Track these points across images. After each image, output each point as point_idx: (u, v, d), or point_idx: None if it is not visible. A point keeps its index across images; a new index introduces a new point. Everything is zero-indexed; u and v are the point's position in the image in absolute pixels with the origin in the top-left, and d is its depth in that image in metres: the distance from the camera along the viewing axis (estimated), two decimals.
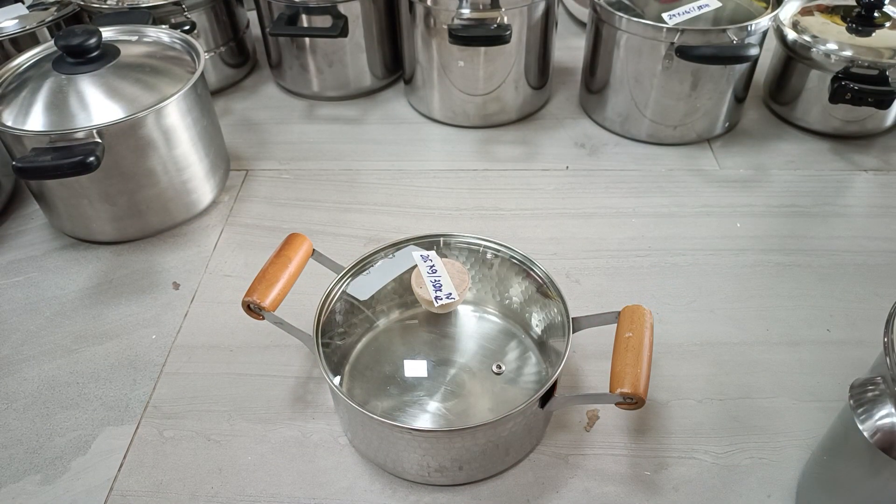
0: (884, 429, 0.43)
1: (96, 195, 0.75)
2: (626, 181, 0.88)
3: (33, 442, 0.61)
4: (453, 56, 0.91)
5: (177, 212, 0.81)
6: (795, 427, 0.60)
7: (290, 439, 0.60)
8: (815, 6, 0.95)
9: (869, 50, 0.85)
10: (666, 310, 0.71)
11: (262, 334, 0.69)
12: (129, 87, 0.74)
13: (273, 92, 1.09)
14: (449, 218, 0.83)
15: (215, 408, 0.63)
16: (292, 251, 0.60)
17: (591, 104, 0.99)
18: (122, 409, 0.63)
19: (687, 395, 0.63)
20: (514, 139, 0.97)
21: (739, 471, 0.57)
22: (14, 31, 0.92)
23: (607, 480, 0.56)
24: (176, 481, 0.57)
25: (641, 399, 0.49)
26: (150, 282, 0.76)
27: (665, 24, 0.83)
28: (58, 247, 0.81)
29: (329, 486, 0.57)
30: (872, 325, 0.69)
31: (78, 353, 0.69)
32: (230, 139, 0.96)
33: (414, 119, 1.02)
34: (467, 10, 0.86)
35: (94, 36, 0.74)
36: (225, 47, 1.05)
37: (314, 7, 0.93)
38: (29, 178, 0.74)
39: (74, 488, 0.57)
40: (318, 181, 0.90)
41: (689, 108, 0.90)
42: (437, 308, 0.58)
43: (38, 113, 0.71)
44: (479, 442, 0.52)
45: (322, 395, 0.64)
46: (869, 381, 0.46)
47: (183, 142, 0.77)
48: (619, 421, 0.61)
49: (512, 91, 0.95)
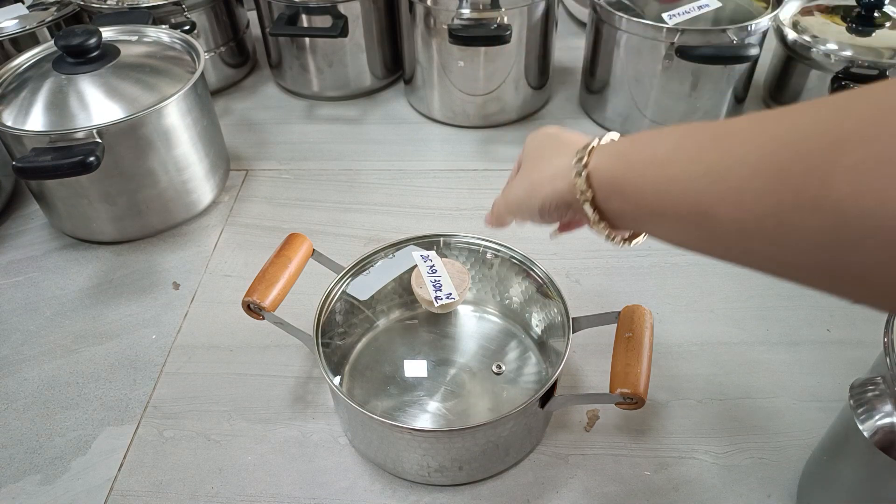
0: (884, 429, 0.43)
1: (96, 195, 0.75)
2: None
3: (33, 442, 0.61)
4: (453, 56, 0.91)
5: (177, 212, 0.81)
6: (795, 427, 0.60)
7: (290, 439, 0.60)
8: (815, 6, 0.95)
9: (869, 50, 0.85)
10: (666, 310, 0.71)
11: (262, 334, 0.69)
12: (129, 87, 0.74)
13: (273, 92, 1.09)
14: (449, 218, 0.83)
15: (215, 408, 0.63)
16: (292, 251, 0.60)
17: (591, 104, 0.99)
18: (122, 409, 0.63)
19: (687, 395, 0.63)
20: (514, 139, 0.97)
21: (739, 471, 0.57)
22: (14, 31, 0.92)
23: (607, 480, 0.56)
24: (176, 481, 0.57)
25: (641, 399, 0.49)
26: (150, 282, 0.76)
27: (665, 24, 0.83)
28: (58, 247, 0.81)
29: (329, 486, 0.57)
30: (872, 325, 0.68)
31: (78, 353, 0.69)
32: (230, 139, 0.96)
33: (414, 119, 1.02)
34: (467, 10, 0.86)
35: (94, 36, 0.74)
36: (225, 47, 1.05)
37: (314, 7, 0.93)
38: (29, 178, 0.74)
39: (74, 488, 0.57)
40: (318, 181, 0.90)
41: (689, 108, 0.90)
42: (438, 308, 0.58)
43: (38, 113, 0.71)
44: (479, 442, 0.52)
45: (322, 395, 0.64)
46: (869, 381, 0.46)
47: (183, 142, 0.77)
48: (619, 421, 0.61)
49: (512, 91, 0.95)
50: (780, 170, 0.24)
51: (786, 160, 0.24)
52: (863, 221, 0.21)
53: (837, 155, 0.22)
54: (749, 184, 0.25)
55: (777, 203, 0.24)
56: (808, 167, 0.23)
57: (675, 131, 0.31)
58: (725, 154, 0.27)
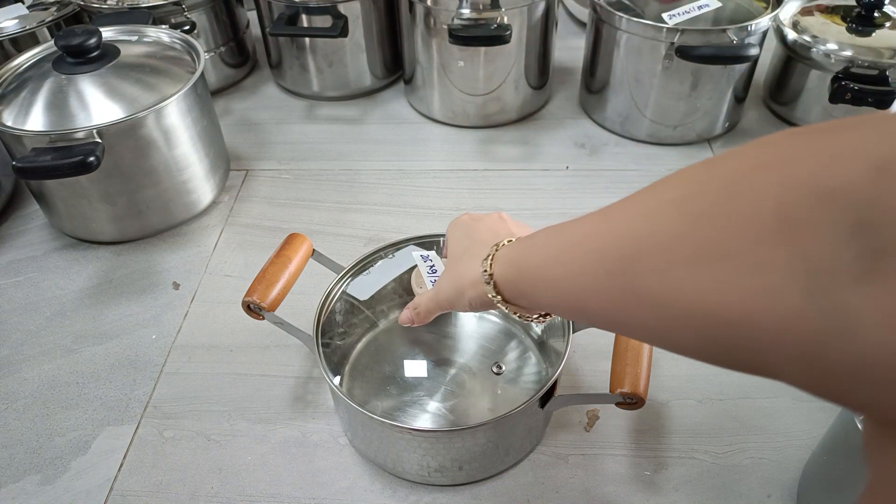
0: None
1: (96, 195, 0.75)
2: (627, 181, 0.88)
3: (33, 442, 0.61)
4: (453, 56, 0.91)
5: (177, 212, 0.81)
6: (795, 427, 0.60)
7: (290, 439, 0.60)
8: (815, 6, 0.95)
9: (869, 50, 0.85)
10: None
11: (262, 334, 0.69)
12: (129, 87, 0.74)
13: (273, 92, 1.09)
14: (449, 218, 0.82)
15: (215, 408, 0.63)
16: (292, 251, 0.60)
17: (591, 104, 0.99)
18: (122, 409, 0.63)
19: (687, 395, 0.63)
20: (514, 139, 0.97)
21: (739, 471, 0.57)
22: (14, 31, 0.92)
23: (607, 480, 0.56)
24: (176, 481, 0.57)
25: (641, 399, 0.49)
26: (150, 282, 0.76)
27: (665, 24, 0.83)
28: (58, 247, 0.81)
29: (329, 486, 0.57)
30: None
31: (78, 353, 0.69)
32: (230, 139, 0.96)
33: (414, 119, 1.02)
34: (467, 10, 0.86)
35: (94, 36, 0.74)
36: (225, 47, 1.05)
37: (314, 7, 0.93)
38: (29, 178, 0.74)
39: (74, 488, 0.57)
40: (318, 181, 0.90)
41: (689, 108, 0.90)
42: None
43: (38, 113, 0.71)
44: (479, 442, 0.52)
45: (322, 395, 0.64)
46: None
47: (183, 142, 0.77)
48: (619, 421, 0.61)
49: (512, 91, 0.95)
50: (610, 272, 0.28)
51: (615, 261, 0.28)
52: (671, 314, 0.25)
53: (642, 259, 0.26)
54: (601, 283, 0.29)
55: (619, 298, 0.28)
56: (627, 268, 0.27)
57: (547, 237, 0.35)
58: (579, 258, 0.31)
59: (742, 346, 0.23)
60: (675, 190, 0.26)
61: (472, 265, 0.42)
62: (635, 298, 0.27)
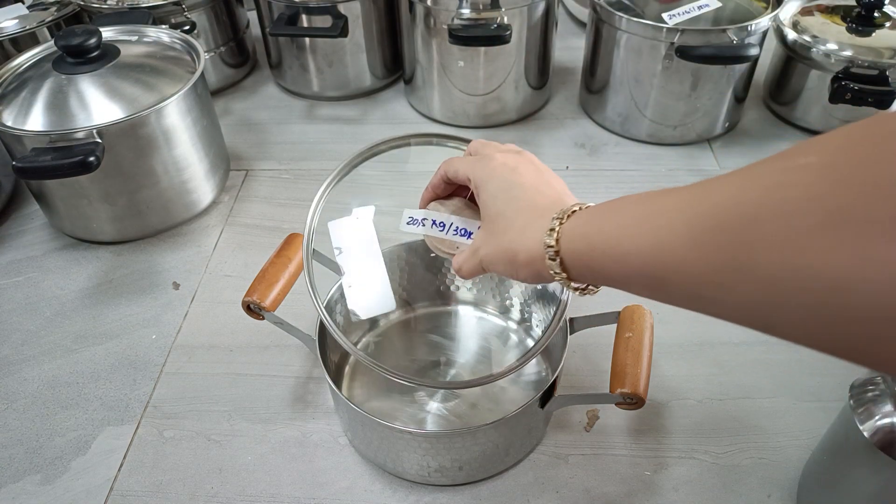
0: (884, 429, 0.43)
1: (96, 195, 0.75)
2: (627, 181, 0.88)
3: (33, 442, 0.61)
4: (453, 56, 0.91)
5: (177, 212, 0.81)
6: (795, 427, 0.60)
7: (290, 439, 0.60)
8: (815, 6, 0.95)
9: (869, 50, 0.85)
10: (666, 310, 0.70)
11: (262, 334, 0.69)
12: (129, 87, 0.74)
13: (273, 92, 1.09)
14: None
15: (215, 408, 0.63)
16: (292, 251, 0.60)
17: (591, 104, 0.99)
18: (122, 409, 0.63)
19: (687, 395, 0.63)
20: (514, 139, 0.97)
21: (739, 471, 0.57)
22: (14, 31, 0.92)
23: (607, 480, 0.56)
24: (176, 481, 0.57)
25: (641, 399, 0.49)
26: (150, 282, 0.76)
27: (665, 24, 0.83)
28: (58, 247, 0.81)
29: (329, 486, 0.57)
30: None
31: (78, 353, 0.69)
32: (230, 139, 0.96)
33: (414, 119, 1.02)
34: (467, 10, 0.86)
35: (94, 36, 0.74)
36: (225, 47, 1.05)
37: (314, 7, 0.93)
38: (29, 178, 0.74)
39: (74, 488, 0.57)
40: (318, 181, 0.89)
41: (689, 108, 0.90)
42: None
43: (38, 113, 0.71)
44: (478, 442, 0.52)
45: (322, 395, 0.64)
46: (869, 381, 0.46)
47: (183, 142, 0.77)
48: (619, 421, 0.61)
49: (512, 91, 0.95)
50: (708, 243, 0.27)
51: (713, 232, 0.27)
52: (784, 285, 0.24)
53: (755, 228, 0.25)
54: (694, 256, 0.28)
55: (716, 272, 0.27)
56: (732, 239, 0.26)
57: (626, 207, 0.34)
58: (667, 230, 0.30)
59: (863, 319, 0.22)
60: (811, 156, 0.25)
61: (529, 237, 0.38)
62: (740, 271, 0.25)
